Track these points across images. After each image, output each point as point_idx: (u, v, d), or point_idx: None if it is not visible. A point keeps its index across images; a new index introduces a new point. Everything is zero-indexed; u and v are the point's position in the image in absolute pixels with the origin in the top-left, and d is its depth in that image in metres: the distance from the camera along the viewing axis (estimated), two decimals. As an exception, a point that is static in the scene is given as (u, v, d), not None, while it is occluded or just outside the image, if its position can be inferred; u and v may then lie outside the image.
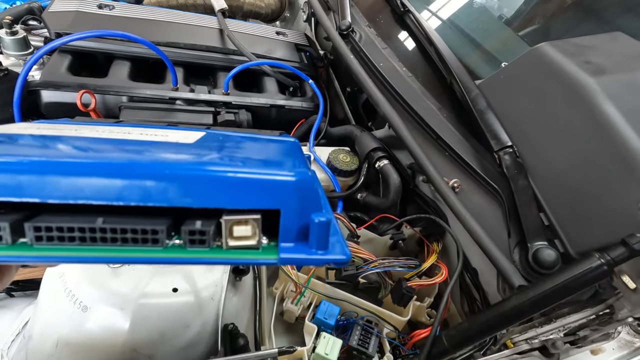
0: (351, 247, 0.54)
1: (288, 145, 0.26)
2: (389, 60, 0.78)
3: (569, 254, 0.51)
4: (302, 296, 0.53)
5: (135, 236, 0.17)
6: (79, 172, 0.17)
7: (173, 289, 0.45)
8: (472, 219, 0.54)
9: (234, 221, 0.18)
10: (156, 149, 0.20)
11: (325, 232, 0.18)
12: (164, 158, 0.18)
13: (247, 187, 0.18)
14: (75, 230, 0.17)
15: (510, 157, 0.56)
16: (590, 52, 0.59)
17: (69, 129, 0.23)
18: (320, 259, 0.19)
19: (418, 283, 0.53)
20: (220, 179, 0.17)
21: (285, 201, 0.18)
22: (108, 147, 0.20)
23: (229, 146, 0.23)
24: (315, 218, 0.18)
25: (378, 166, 0.67)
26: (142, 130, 0.24)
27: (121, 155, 0.18)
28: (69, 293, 0.42)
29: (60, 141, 0.21)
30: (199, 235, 0.18)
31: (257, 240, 0.18)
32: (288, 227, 0.19)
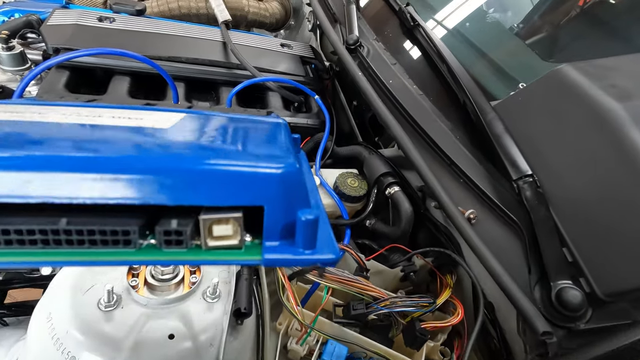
0: (360, 284, 0.50)
1: (274, 128, 0.23)
2: (398, 77, 0.75)
3: (596, 295, 0.47)
4: (308, 336, 0.50)
5: (104, 237, 0.16)
6: (35, 167, 0.14)
7: (169, 335, 0.41)
8: (490, 255, 0.50)
9: (214, 220, 0.16)
10: (127, 136, 0.18)
11: (313, 230, 0.17)
12: (134, 149, 0.16)
13: (227, 182, 0.16)
14: (36, 232, 0.15)
15: (531, 187, 0.53)
16: (615, 75, 0.55)
17: (32, 112, 0.20)
18: (307, 259, 0.17)
19: (432, 325, 0.50)
20: (196, 174, 0.16)
21: (269, 197, 0.16)
22: (72, 134, 0.18)
23: (208, 131, 0.20)
24: (302, 216, 0.16)
25: (388, 193, 0.64)
26: (114, 112, 0.21)
27: (85, 145, 0.16)
28: (57, 341, 0.39)
29: (18, 128, 0.18)
30: (175, 235, 0.16)
31: (239, 240, 0.16)
32: (272, 225, 0.17)
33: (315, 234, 0.17)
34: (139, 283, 0.45)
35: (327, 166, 0.76)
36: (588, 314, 0.48)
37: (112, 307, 0.42)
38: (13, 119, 0.19)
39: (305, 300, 0.55)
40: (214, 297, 0.46)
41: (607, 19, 1.01)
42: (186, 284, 0.47)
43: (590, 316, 0.48)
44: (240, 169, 0.16)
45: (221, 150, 0.18)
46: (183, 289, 0.47)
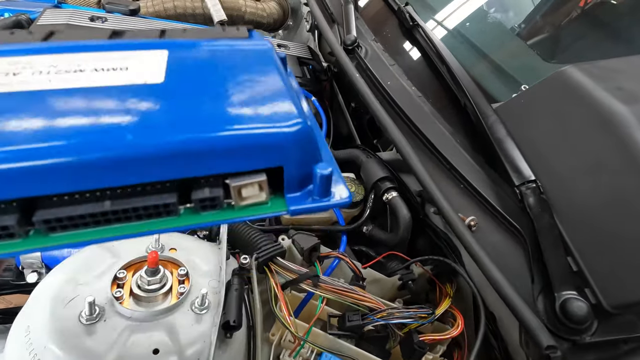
0: (356, 294, 0.48)
1: (267, 60, 0.23)
2: (396, 79, 0.73)
3: (602, 307, 0.45)
4: (301, 348, 0.48)
5: (148, 212, 0.18)
6: (62, 155, 0.16)
7: (154, 350, 0.39)
8: (492, 264, 0.48)
9: (242, 185, 0.18)
10: (130, 104, 0.18)
11: (328, 182, 0.19)
12: (152, 130, 0.17)
13: (249, 150, 0.18)
14: (86, 217, 0.17)
15: (534, 193, 0.51)
16: (621, 77, 0.53)
17: (10, 72, 0.20)
18: (326, 205, 0.20)
19: (431, 338, 0.48)
20: (219, 148, 0.17)
21: (287, 157, 0.18)
22: (76, 106, 0.18)
23: (205, 81, 0.21)
24: (318, 171, 0.19)
25: (386, 198, 0.62)
26: (92, 61, 0.21)
27: (107, 124, 0.17)
28: (34, 357, 0.37)
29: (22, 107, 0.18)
30: (209, 201, 0.18)
31: (266, 197, 0.19)
32: (292, 180, 0.19)
33: (330, 184, 0.19)
34: (124, 294, 0.43)
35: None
36: (594, 327, 0.46)
37: (94, 320, 0.40)
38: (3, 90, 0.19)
39: (299, 310, 0.53)
40: (202, 308, 0.44)
41: (609, 19, 0.99)
42: (174, 295, 0.45)
43: (596, 329, 0.46)
44: (259, 135, 0.18)
45: (234, 115, 0.18)
46: (171, 300, 0.45)
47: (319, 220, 0.65)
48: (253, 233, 0.54)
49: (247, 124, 0.18)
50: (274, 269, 0.50)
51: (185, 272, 0.46)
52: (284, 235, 0.57)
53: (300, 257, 0.55)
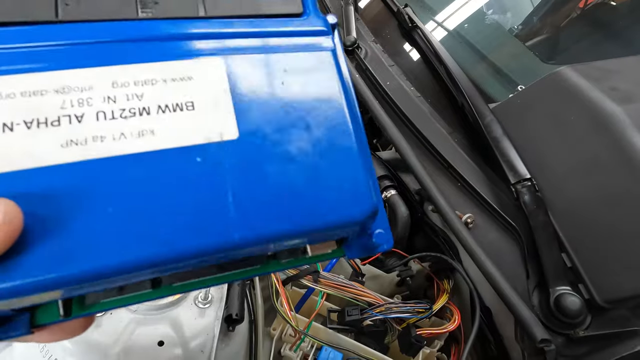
0: (355, 289, 0.50)
1: (334, 98, 0.21)
2: (396, 79, 0.74)
3: (596, 302, 0.46)
4: (302, 342, 0.49)
5: (245, 265, 0.21)
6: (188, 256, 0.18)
7: (159, 342, 0.41)
8: (488, 260, 0.49)
9: (318, 250, 0.23)
10: (221, 179, 0.18)
11: (376, 242, 0.22)
12: (253, 226, 0.18)
13: (327, 232, 0.20)
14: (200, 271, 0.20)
15: (529, 191, 0.52)
16: (616, 77, 0.54)
17: (71, 114, 0.17)
18: (374, 253, 0.23)
19: (428, 331, 0.49)
20: (309, 234, 0.20)
21: (353, 231, 0.21)
22: (169, 192, 0.18)
23: (274, 136, 0.20)
24: (374, 232, 0.22)
25: (385, 196, 0.63)
26: (153, 91, 0.19)
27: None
28: (43, 348, 0.38)
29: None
30: (291, 256, 0.22)
31: (331, 250, 0.23)
32: (352, 246, 0.23)
33: (376, 245, 0.22)
34: (129, 288, 0.44)
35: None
36: (587, 321, 0.47)
37: (100, 313, 0.41)
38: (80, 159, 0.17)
39: (300, 306, 0.54)
40: (205, 302, 0.45)
41: (608, 21, 1.00)
42: (178, 289, 0.46)
43: (589, 323, 0.47)
44: (336, 222, 0.20)
45: (315, 203, 0.19)
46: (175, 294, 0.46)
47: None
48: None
49: (333, 212, 0.20)
50: (275, 264, 0.52)
51: (189, 267, 0.47)
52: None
53: (301, 254, 0.56)
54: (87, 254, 0.16)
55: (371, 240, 0.22)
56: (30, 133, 0.16)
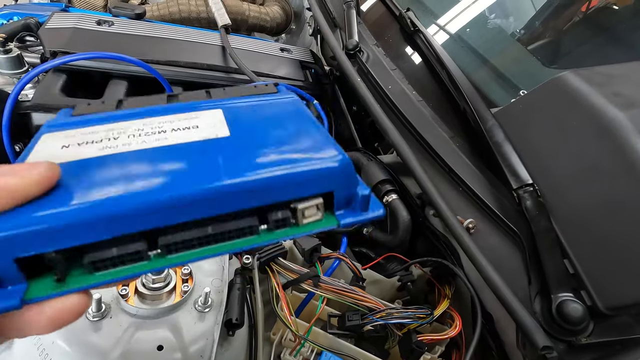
0: (356, 294, 0.49)
1: (299, 111, 0.30)
2: (397, 83, 0.74)
3: (598, 309, 0.46)
4: (302, 347, 0.49)
5: (237, 233, 0.23)
6: (189, 203, 0.21)
7: (158, 346, 0.40)
8: (489, 266, 0.49)
9: (306, 207, 0.24)
10: (215, 151, 0.24)
11: (367, 200, 0.24)
12: (241, 173, 0.23)
13: (309, 181, 0.23)
14: (194, 240, 0.22)
15: (531, 197, 0.51)
16: (619, 83, 0.54)
17: (112, 139, 0.26)
18: (366, 217, 0.25)
19: (429, 337, 0.48)
20: (290, 182, 0.23)
21: (336, 184, 0.24)
22: (177, 158, 0.24)
23: (264, 132, 0.27)
24: (360, 192, 0.24)
25: (386, 201, 0.63)
26: (169, 123, 0.27)
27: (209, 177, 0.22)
28: (42, 352, 0.38)
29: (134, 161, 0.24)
30: (281, 222, 0.24)
31: (322, 215, 0.25)
32: (340, 201, 0.24)
33: (368, 202, 0.25)
34: (129, 292, 0.44)
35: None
36: (590, 328, 0.47)
37: (100, 316, 0.41)
38: (115, 151, 0.24)
39: (300, 310, 0.54)
40: (205, 306, 0.45)
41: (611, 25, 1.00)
42: (178, 293, 0.46)
43: (592, 330, 0.47)
44: (316, 170, 0.23)
45: (296, 157, 0.24)
46: (174, 298, 0.46)
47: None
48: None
49: (308, 162, 0.24)
50: (276, 269, 0.52)
51: (189, 271, 0.47)
52: (286, 236, 0.58)
53: (302, 258, 0.56)
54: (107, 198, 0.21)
55: (358, 203, 0.24)
56: (80, 147, 0.24)
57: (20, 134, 0.67)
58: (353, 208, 0.25)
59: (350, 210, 0.25)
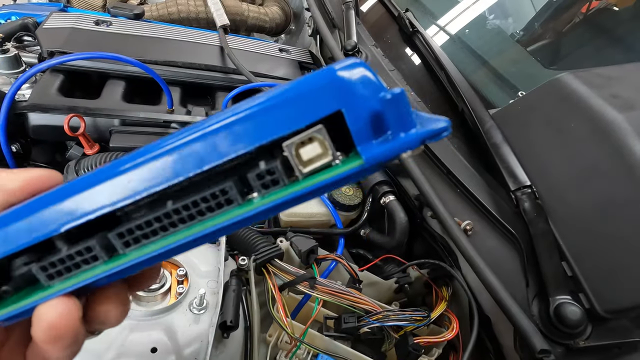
0: (352, 296, 0.49)
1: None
2: (396, 84, 0.74)
3: (596, 312, 0.45)
4: (298, 349, 0.49)
5: (209, 204, 0.17)
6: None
7: (152, 348, 0.40)
8: (487, 268, 0.49)
9: (297, 144, 0.15)
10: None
11: (404, 104, 0.15)
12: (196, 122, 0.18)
13: (291, 101, 0.15)
14: (152, 222, 0.17)
15: (529, 199, 0.51)
16: (618, 84, 0.54)
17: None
18: (413, 137, 0.15)
19: (426, 340, 0.48)
20: (259, 109, 0.16)
21: (340, 96, 0.15)
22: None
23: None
24: (385, 94, 0.15)
25: (383, 202, 0.63)
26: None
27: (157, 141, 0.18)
28: (35, 354, 0.38)
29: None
30: (268, 176, 0.16)
31: (332, 154, 0.16)
32: (359, 125, 0.15)
33: (406, 107, 0.15)
34: (124, 293, 0.44)
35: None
36: (587, 331, 0.46)
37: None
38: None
39: (296, 312, 0.53)
40: (200, 308, 0.45)
41: (611, 26, 1.00)
42: (172, 295, 0.46)
43: (589, 333, 0.46)
44: (296, 83, 0.16)
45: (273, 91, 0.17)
46: (169, 300, 0.45)
47: (317, 223, 0.66)
48: (251, 235, 0.55)
49: (286, 85, 0.16)
50: (272, 270, 0.51)
51: (184, 272, 0.47)
52: (282, 237, 0.57)
53: (298, 259, 0.56)
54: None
55: (388, 111, 0.15)
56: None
57: (16, 134, 0.67)
58: (386, 133, 0.15)
59: (384, 137, 0.15)
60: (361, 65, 0.16)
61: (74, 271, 0.19)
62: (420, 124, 0.15)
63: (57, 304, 0.19)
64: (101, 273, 0.19)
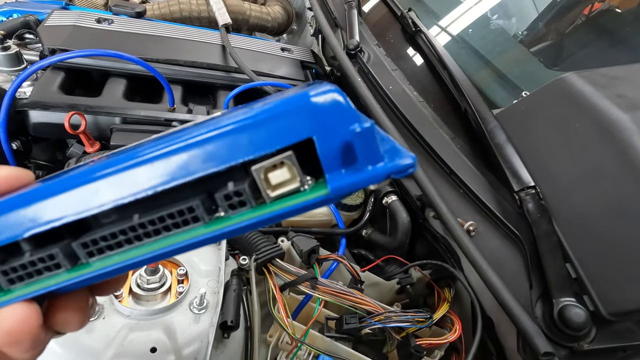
0: (354, 297, 0.49)
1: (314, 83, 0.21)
2: (398, 83, 0.74)
3: (601, 314, 0.45)
4: (298, 350, 0.48)
5: (175, 220, 0.17)
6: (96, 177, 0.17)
7: (151, 348, 0.40)
8: (490, 269, 0.48)
9: (266, 168, 0.16)
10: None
11: (372, 138, 0.15)
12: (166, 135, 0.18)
13: (264, 124, 0.16)
14: (117, 235, 0.17)
15: (533, 199, 0.51)
16: (623, 84, 0.53)
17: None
18: (380, 171, 0.15)
19: (428, 342, 0.47)
20: (232, 130, 0.16)
21: (312, 124, 0.15)
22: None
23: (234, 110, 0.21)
24: (354, 128, 0.15)
25: (385, 202, 0.62)
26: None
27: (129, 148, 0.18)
28: (33, 353, 0.37)
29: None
30: (236, 197, 0.16)
31: (300, 180, 0.16)
32: (329, 154, 0.16)
33: (375, 142, 0.15)
34: (123, 292, 0.43)
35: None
36: (592, 334, 0.46)
37: (93, 317, 0.40)
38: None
39: (297, 312, 0.53)
40: (200, 308, 0.44)
41: (613, 27, 0.99)
42: (173, 294, 0.45)
43: (594, 336, 0.46)
44: (273, 107, 0.16)
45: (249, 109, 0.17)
46: (169, 299, 0.45)
47: (319, 223, 0.65)
48: (252, 234, 0.54)
49: (260, 107, 0.16)
50: (273, 270, 0.51)
51: (185, 271, 0.46)
52: (284, 237, 0.57)
53: (299, 259, 0.55)
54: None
55: (356, 145, 0.15)
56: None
57: (17, 131, 0.67)
58: (357, 163, 0.15)
59: (352, 167, 0.16)
60: (335, 92, 0.16)
61: (35, 277, 0.19)
62: (388, 157, 0.16)
63: (16, 311, 0.18)
64: (63, 282, 0.18)
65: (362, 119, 0.16)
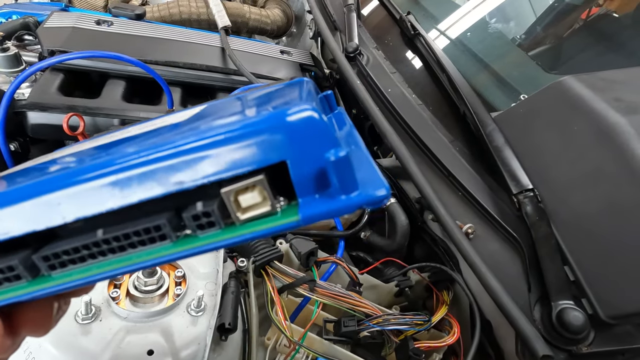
0: (352, 299, 0.48)
1: (293, 84, 0.20)
2: (397, 86, 0.74)
3: (599, 317, 0.45)
4: (296, 352, 0.48)
5: (141, 238, 0.16)
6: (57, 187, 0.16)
7: (148, 351, 0.39)
8: (488, 272, 0.48)
9: (236, 190, 0.15)
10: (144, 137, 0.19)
11: (348, 167, 0.15)
12: (133, 146, 0.17)
13: (236, 141, 0.15)
14: (80, 249, 0.17)
15: (531, 202, 0.51)
16: (621, 88, 0.54)
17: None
18: (350, 203, 0.15)
19: (427, 344, 0.47)
20: (199, 149, 0.15)
21: (287, 148, 0.15)
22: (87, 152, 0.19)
23: (221, 108, 0.20)
24: (330, 156, 0.14)
25: (384, 205, 0.62)
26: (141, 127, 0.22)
27: (95, 158, 0.17)
28: (29, 355, 0.37)
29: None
30: (204, 217, 0.16)
31: (271, 205, 0.15)
32: (303, 179, 0.15)
33: (352, 171, 0.15)
34: (120, 294, 0.43)
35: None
36: (590, 337, 0.46)
37: (89, 319, 0.40)
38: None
39: (295, 315, 0.53)
40: (198, 310, 0.44)
41: (611, 32, 1.00)
42: (170, 296, 0.45)
43: (592, 339, 0.46)
44: (243, 125, 0.15)
45: (225, 119, 0.17)
46: (167, 301, 0.45)
47: (317, 225, 0.65)
48: (251, 236, 0.54)
49: (235, 122, 0.15)
50: (271, 272, 0.51)
51: (182, 273, 0.46)
52: (282, 239, 0.57)
53: (298, 262, 0.55)
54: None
55: (330, 173, 0.14)
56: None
57: (15, 132, 0.67)
58: (331, 190, 0.15)
59: (326, 193, 0.15)
60: (312, 111, 0.15)
61: None
62: (362, 187, 0.15)
63: None
64: (24, 294, 0.18)
65: (338, 145, 0.15)
